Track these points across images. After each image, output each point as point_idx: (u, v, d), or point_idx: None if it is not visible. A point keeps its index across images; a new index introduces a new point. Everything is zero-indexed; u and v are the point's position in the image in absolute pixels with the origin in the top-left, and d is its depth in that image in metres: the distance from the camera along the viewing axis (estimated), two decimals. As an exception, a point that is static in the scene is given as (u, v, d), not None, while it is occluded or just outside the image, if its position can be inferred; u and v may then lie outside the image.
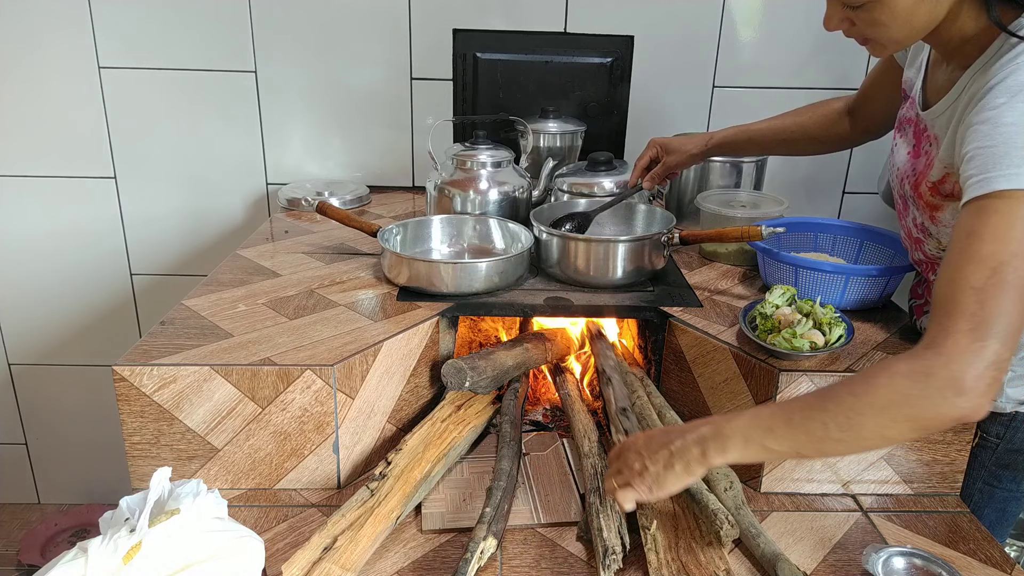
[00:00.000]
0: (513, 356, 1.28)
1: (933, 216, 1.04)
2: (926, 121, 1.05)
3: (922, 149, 1.06)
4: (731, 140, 1.43)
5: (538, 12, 1.86)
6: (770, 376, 1.10)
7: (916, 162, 1.07)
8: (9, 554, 2.10)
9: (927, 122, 1.05)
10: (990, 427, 1.15)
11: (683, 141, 1.45)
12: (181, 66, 1.87)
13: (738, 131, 1.43)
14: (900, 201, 1.15)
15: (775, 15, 1.87)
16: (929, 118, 1.04)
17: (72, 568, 0.76)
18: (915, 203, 1.08)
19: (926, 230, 1.08)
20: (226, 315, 1.21)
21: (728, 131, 1.44)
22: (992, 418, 1.15)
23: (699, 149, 1.43)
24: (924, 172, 1.04)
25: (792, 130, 1.40)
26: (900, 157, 1.13)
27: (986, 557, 1.02)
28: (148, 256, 2.05)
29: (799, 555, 1.01)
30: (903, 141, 1.12)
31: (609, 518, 0.98)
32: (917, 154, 1.07)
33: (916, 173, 1.06)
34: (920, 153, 1.06)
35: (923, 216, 1.07)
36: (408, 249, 1.43)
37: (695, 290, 1.36)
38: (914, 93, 1.10)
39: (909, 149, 1.10)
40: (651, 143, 1.47)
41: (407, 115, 1.94)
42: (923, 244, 1.11)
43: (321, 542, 0.91)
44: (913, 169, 1.07)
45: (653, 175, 1.46)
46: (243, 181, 1.98)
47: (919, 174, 1.05)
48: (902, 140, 1.13)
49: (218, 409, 1.07)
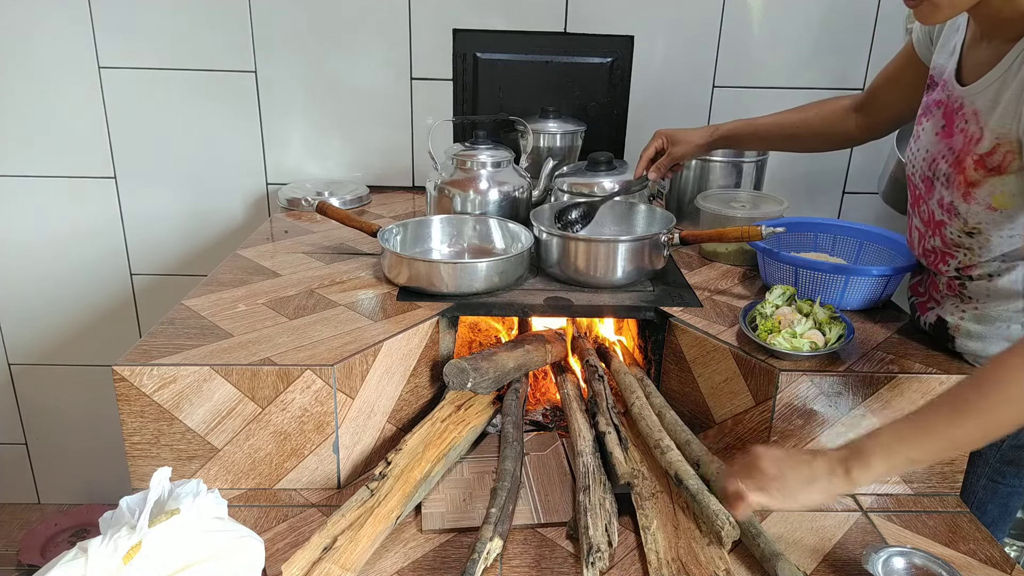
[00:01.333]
0: (514, 357, 1.28)
1: (968, 193, 1.04)
2: (965, 98, 1.06)
3: (956, 128, 1.07)
4: (736, 133, 1.45)
5: (538, 12, 1.86)
6: (770, 376, 1.10)
7: (951, 140, 1.08)
8: (9, 554, 2.10)
9: (966, 99, 1.05)
10: None
11: (689, 132, 1.47)
12: (181, 66, 1.87)
13: (743, 124, 1.45)
14: (923, 184, 1.15)
15: (775, 15, 1.87)
16: (970, 94, 1.05)
17: (72, 568, 0.76)
18: (949, 181, 1.08)
19: (954, 210, 1.08)
20: (226, 315, 1.21)
21: (734, 124, 1.45)
22: None
23: (705, 140, 1.45)
24: (967, 147, 1.04)
25: (797, 125, 1.42)
26: (927, 140, 1.14)
27: (986, 557, 1.02)
28: (148, 256, 2.05)
29: (799, 555, 1.01)
30: (930, 124, 1.13)
31: (596, 516, 0.98)
32: (950, 133, 1.08)
33: (955, 151, 1.07)
34: (954, 132, 1.07)
35: (955, 195, 1.07)
36: (408, 249, 1.43)
37: (695, 290, 1.36)
38: (946, 76, 1.11)
39: (938, 130, 1.11)
40: (657, 134, 1.48)
41: (407, 115, 1.94)
42: (945, 227, 1.11)
43: (321, 542, 0.91)
44: (950, 148, 1.08)
45: (659, 166, 1.48)
46: (243, 181, 1.98)
47: (959, 151, 1.06)
48: (929, 124, 1.14)
49: (218, 409, 1.07)
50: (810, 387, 1.09)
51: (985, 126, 1.01)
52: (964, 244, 1.09)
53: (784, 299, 1.20)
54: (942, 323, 1.18)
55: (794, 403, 1.10)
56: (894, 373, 1.10)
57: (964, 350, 1.15)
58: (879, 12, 1.87)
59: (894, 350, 1.17)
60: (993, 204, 1.02)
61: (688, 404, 1.26)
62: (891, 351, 1.16)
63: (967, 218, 1.06)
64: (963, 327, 1.14)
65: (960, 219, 1.07)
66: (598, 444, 1.14)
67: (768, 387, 1.10)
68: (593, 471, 1.07)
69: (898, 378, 1.09)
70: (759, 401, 1.13)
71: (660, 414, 1.20)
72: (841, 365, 1.11)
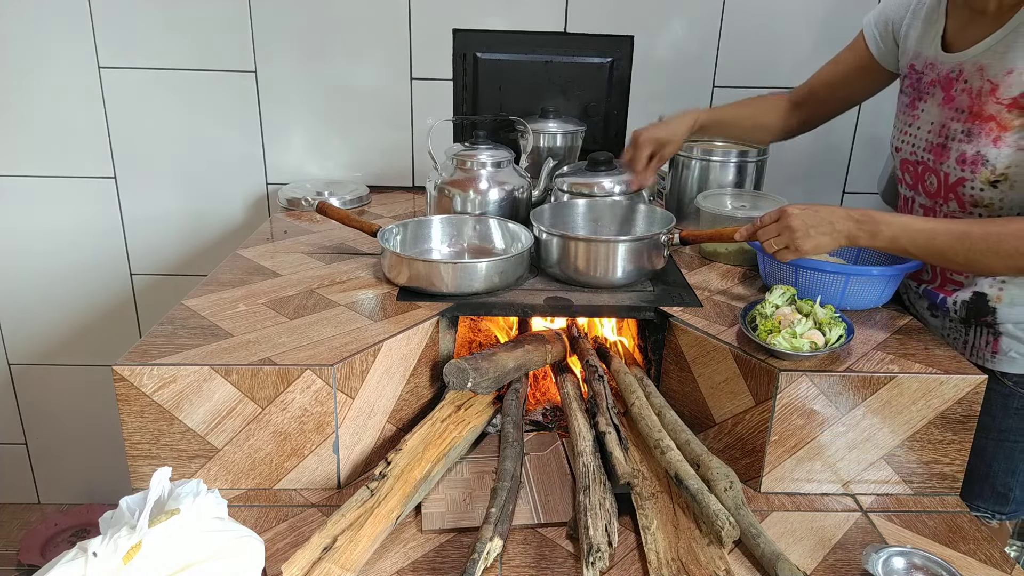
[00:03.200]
0: (514, 358, 1.28)
1: (999, 139, 1.12)
2: (965, 61, 1.17)
3: (955, 91, 1.19)
4: (708, 123, 1.52)
5: (538, 12, 1.86)
6: (770, 376, 1.10)
7: (955, 103, 1.18)
8: (9, 554, 2.10)
9: (966, 62, 1.17)
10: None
11: (672, 128, 1.48)
12: (181, 66, 1.87)
13: (712, 114, 1.56)
14: (930, 154, 1.23)
15: (775, 15, 1.87)
16: (971, 56, 1.16)
17: (72, 568, 0.76)
18: (970, 134, 1.15)
19: (980, 159, 1.14)
20: (226, 315, 1.21)
21: (708, 114, 1.54)
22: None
23: (687, 132, 1.50)
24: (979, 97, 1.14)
25: (747, 116, 1.54)
26: (930, 115, 1.24)
27: (986, 557, 1.02)
28: (148, 256, 2.05)
29: (799, 555, 1.01)
30: (930, 103, 1.24)
31: (596, 516, 0.98)
32: (951, 99, 1.19)
33: (964, 108, 1.17)
34: (954, 96, 1.19)
35: (981, 143, 1.14)
36: (408, 249, 1.43)
37: (695, 290, 1.36)
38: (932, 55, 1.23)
39: (939, 102, 1.22)
40: (642, 141, 1.47)
41: (407, 115, 1.94)
42: (965, 184, 1.17)
43: (321, 542, 0.91)
44: (957, 109, 1.18)
45: (652, 170, 1.51)
46: (243, 181, 1.99)
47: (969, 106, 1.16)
48: (928, 103, 1.24)
49: (218, 409, 1.07)
50: (810, 387, 1.10)
51: (998, 76, 1.12)
52: (984, 200, 1.15)
53: (784, 299, 1.20)
54: (980, 297, 1.22)
55: (794, 403, 1.10)
56: (894, 373, 1.10)
57: (1007, 318, 1.20)
58: (879, 12, 1.87)
59: (894, 350, 1.17)
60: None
61: (688, 404, 1.26)
62: (891, 351, 1.16)
63: (996, 164, 1.13)
64: (1005, 295, 1.20)
65: (988, 167, 1.13)
66: (598, 444, 1.14)
67: (768, 387, 1.10)
68: (593, 471, 1.07)
69: (898, 378, 1.09)
70: (759, 401, 1.13)
71: (660, 414, 1.20)
72: (841, 365, 1.11)
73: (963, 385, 1.10)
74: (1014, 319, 1.19)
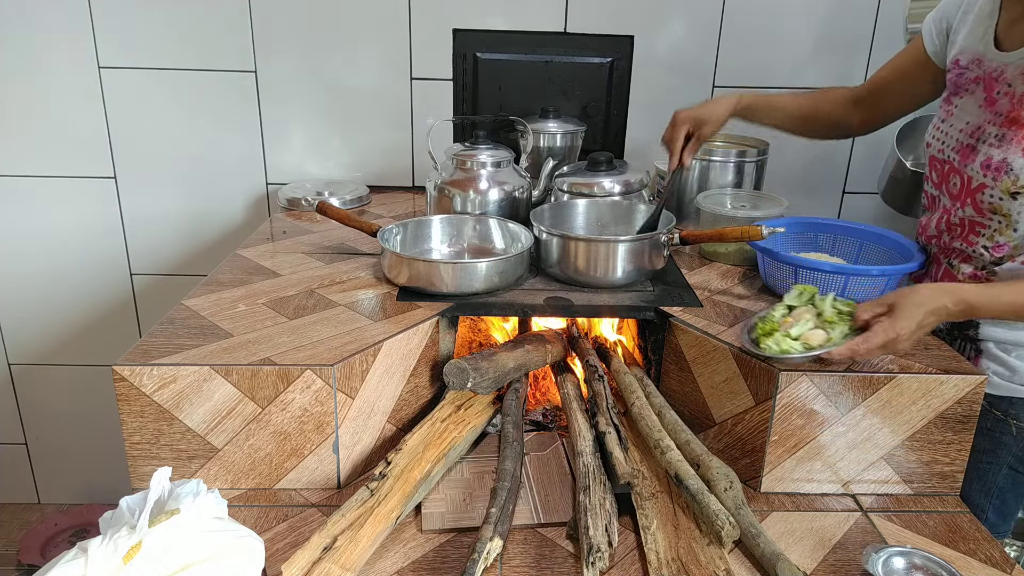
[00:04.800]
0: (514, 358, 1.28)
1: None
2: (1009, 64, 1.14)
3: (996, 94, 1.15)
4: (755, 105, 1.43)
5: (538, 12, 1.86)
6: (770, 376, 1.10)
7: (995, 106, 1.15)
8: (9, 554, 2.10)
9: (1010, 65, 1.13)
10: (1017, 411, 1.16)
11: (712, 110, 1.39)
12: (181, 66, 1.87)
13: (762, 98, 1.44)
14: (957, 155, 1.20)
15: (775, 15, 1.87)
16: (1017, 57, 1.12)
17: (72, 568, 0.76)
18: (1002, 140, 1.12)
19: (1005, 167, 1.11)
20: (226, 315, 1.21)
21: (753, 97, 1.43)
22: (1019, 403, 1.16)
23: (728, 112, 1.41)
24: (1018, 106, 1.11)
25: (808, 108, 1.45)
26: (965, 114, 1.20)
27: (986, 557, 1.02)
28: (148, 256, 2.05)
29: (799, 555, 1.01)
30: (969, 100, 1.20)
31: (596, 516, 0.98)
32: (992, 101, 1.16)
33: (1003, 112, 1.14)
34: (996, 98, 1.15)
35: (1010, 150, 1.11)
36: (408, 249, 1.43)
37: (695, 290, 1.36)
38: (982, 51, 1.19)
39: (980, 102, 1.18)
40: (681, 119, 1.40)
41: (407, 115, 1.94)
42: (985, 190, 1.14)
43: (321, 542, 0.91)
44: (996, 112, 1.15)
45: (691, 150, 1.41)
46: (243, 181, 1.98)
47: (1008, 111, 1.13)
48: (966, 99, 1.21)
49: (218, 409, 1.07)
50: (810, 387, 1.09)
51: None
52: (1002, 209, 1.13)
53: (802, 300, 1.18)
54: None
55: (794, 403, 1.10)
56: (894, 373, 1.10)
57: (988, 336, 1.18)
58: (879, 12, 1.87)
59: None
60: None
61: (688, 404, 1.26)
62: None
63: (1020, 174, 1.10)
64: None
65: (1011, 176, 1.11)
66: (598, 444, 1.14)
67: (768, 387, 1.10)
68: (593, 471, 1.07)
69: (898, 378, 1.09)
70: (759, 401, 1.13)
71: (660, 414, 1.20)
72: (841, 365, 1.11)
73: (963, 385, 1.10)
74: (995, 338, 1.18)
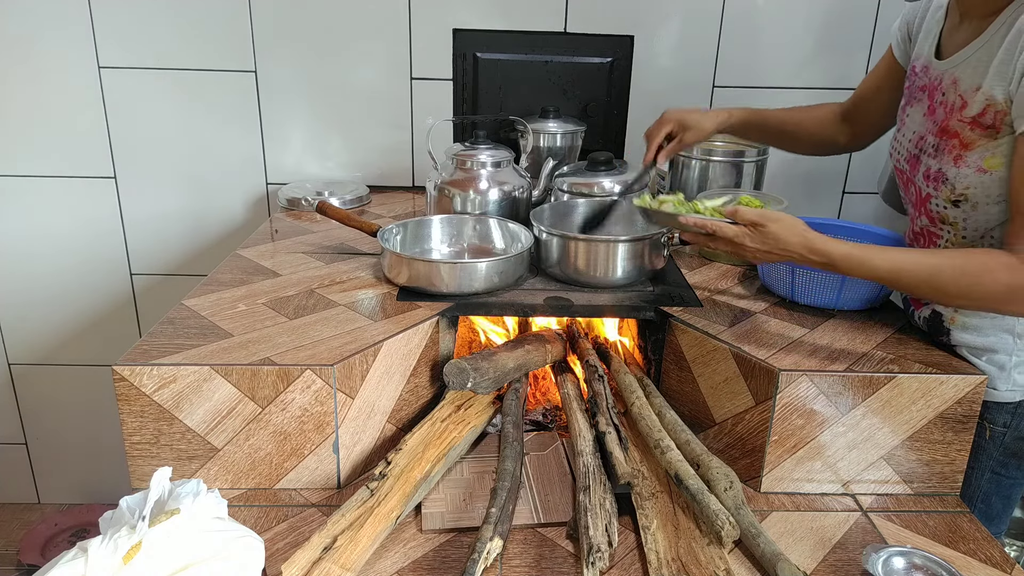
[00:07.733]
0: (514, 358, 1.28)
1: (960, 157, 1.08)
2: (945, 72, 1.12)
3: (935, 102, 1.14)
4: (746, 122, 1.43)
5: (538, 12, 1.86)
6: (770, 376, 1.10)
7: (934, 116, 1.14)
8: (9, 554, 2.10)
9: (945, 72, 1.12)
10: (997, 416, 1.16)
11: (700, 118, 1.39)
12: (181, 66, 1.87)
13: (753, 114, 1.43)
14: (908, 164, 1.19)
15: (775, 15, 1.87)
16: (949, 66, 1.11)
17: (72, 568, 0.76)
18: (937, 150, 1.12)
19: (941, 176, 1.10)
20: (226, 315, 1.21)
21: (744, 112, 1.43)
22: (999, 407, 1.16)
23: (717, 127, 1.41)
24: (949, 115, 1.10)
25: (795, 125, 1.44)
26: (913, 123, 1.20)
27: (986, 557, 1.02)
28: (148, 256, 2.05)
29: (799, 555, 1.01)
30: (916, 108, 1.19)
31: (596, 516, 0.98)
32: (932, 110, 1.15)
33: (938, 122, 1.12)
34: (935, 108, 1.14)
35: (944, 160, 1.10)
36: (408, 249, 1.43)
37: (695, 290, 1.36)
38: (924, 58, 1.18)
39: (924, 111, 1.17)
40: (667, 118, 1.40)
41: (407, 115, 1.94)
42: (931, 201, 1.14)
43: (321, 542, 0.91)
44: (934, 122, 1.14)
45: (668, 151, 1.41)
46: (243, 181, 1.98)
47: (942, 121, 1.11)
48: (915, 108, 1.20)
49: (218, 409, 1.07)
50: (810, 387, 1.10)
51: (967, 92, 1.07)
52: (949, 218, 1.12)
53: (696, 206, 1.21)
54: (937, 316, 1.19)
55: (794, 403, 1.10)
56: (894, 373, 1.10)
57: (959, 342, 1.17)
58: (879, 12, 1.87)
59: (894, 350, 1.17)
60: (984, 165, 1.05)
61: (688, 404, 1.26)
62: (891, 351, 1.16)
63: (955, 183, 1.09)
64: (958, 319, 1.16)
65: (947, 186, 1.10)
66: (598, 444, 1.14)
67: (768, 387, 1.10)
68: (593, 471, 1.07)
69: (898, 378, 1.09)
70: (759, 401, 1.13)
71: (660, 414, 1.20)
72: (841, 365, 1.11)
73: (963, 385, 1.10)
74: (967, 344, 1.16)
